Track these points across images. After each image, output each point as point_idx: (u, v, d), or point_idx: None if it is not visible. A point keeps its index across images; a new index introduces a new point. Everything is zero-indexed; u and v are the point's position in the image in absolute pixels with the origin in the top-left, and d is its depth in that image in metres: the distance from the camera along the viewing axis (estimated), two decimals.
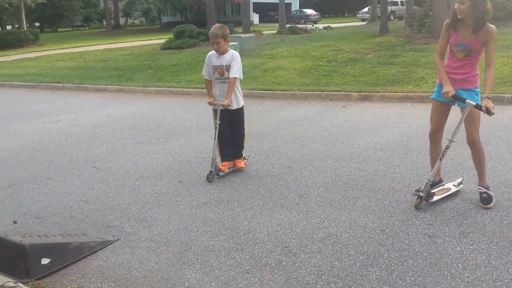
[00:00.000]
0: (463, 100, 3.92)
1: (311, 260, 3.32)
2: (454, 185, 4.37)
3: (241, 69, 5.09)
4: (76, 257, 3.49)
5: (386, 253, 3.36)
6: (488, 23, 3.77)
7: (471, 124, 3.98)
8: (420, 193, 4.09)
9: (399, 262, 3.23)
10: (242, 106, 5.31)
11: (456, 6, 3.84)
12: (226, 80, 5.05)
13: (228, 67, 5.02)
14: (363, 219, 3.93)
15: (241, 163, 5.37)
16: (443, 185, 4.40)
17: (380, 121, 7.39)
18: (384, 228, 3.75)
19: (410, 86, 9.62)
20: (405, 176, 4.88)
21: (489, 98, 3.79)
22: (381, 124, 7.18)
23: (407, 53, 12.84)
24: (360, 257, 3.32)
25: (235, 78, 5.00)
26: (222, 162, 5.26)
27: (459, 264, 3.17)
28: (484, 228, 3.65)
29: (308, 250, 3.47)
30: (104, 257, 3.54)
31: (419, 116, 7.54)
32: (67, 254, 3.46)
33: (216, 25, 5.05)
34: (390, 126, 6.98)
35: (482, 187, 4.14)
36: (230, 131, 5.28)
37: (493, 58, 3.84)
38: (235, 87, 5.08)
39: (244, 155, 5.51)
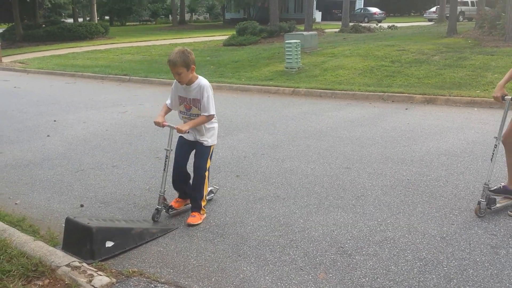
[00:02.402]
0: None
1: (366, 263, 3.29)
2: None
3: (213, 102, 3.95)
4: (138, 242, 3.65)
5: (446, 260, 3.28)
6: None
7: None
8: (480, 199, 3.94)
9: (459, 271, 3.14)
10: (210, 146, 4.11)
11: None
12: (192, 116, 4.02)
13: (196, 102, 3.94)
14: (423, 225, 3.84)
15: (193, 219, 4.04)
16: None
17: (445, 125, 7.15)
18: (445, 235, 3.64)
19: (478, 91, 9.23)
20: (469, 183, 4.71)
21: None
22: (445, 128, 6.95)
23: (476, 56, 12.30)
24: (418, 263, 3.26)
25: (209, 117, 3.95)
26: (177, 197, 4.33)
27: None
28: None
29: (364, 252, 3.44)
30: (164, 244, 3.69)
31: (486, 122, 7.23)
32: (130, 239, 3.63)
33: (177, 49, 3.81)
34: (455, 131, 6.74)
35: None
36: (186, 166, 4.20)
37: None
38: (207, 124, 4.04)
39: (211, 188, 4.44)
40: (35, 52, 23.75)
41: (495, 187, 4.10)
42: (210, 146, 4.11)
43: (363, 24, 28.22)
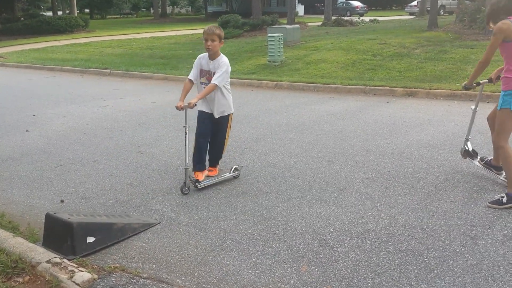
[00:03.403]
0: None
1: (348, 255, 3.32)
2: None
3: (226, 77, 4.61)
4: (119, 237, 3.62)
5: (426, 251, 3.32)
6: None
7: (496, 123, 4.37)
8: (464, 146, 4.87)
9: (439, 262, 3.19)
10: (229, 114, 4.85)
11: None
12: None
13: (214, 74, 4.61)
14: (404, 216, 3.88)
15: (212, 172, 4.95)
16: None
17: (425, 118, 7.23)
18: (425, 227, 3.69)
19: (458, 84, 9.34)
20: (449, 175, 4.78)
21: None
22: (425, 121, 7.02)
23: (456, 49, 12.45)
24: (399, 254, 3.30)
25: (215, 85, 4.51)
26: (195, 171, 4.76)
27: (501, 267, 3.09)
28: None
29: (346, 244, 3.47)
30: (146, 239, 3.66)
31: (466, 114, 7.31)
32: (111, 234, 3.59)
33: (211, 25, 4.67)
34: (435, 124, 6.82)
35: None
36: (209, 138, 4.84)
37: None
38: (224, 94, 4.69)
39: (236, 166, 4.95)
40: (13, 45, 23.29)
41: (485, 159, 4.77)
42: (229, 115, 4.85)
43: (345, 18, 28.31)
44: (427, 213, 3.93)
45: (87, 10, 56.52)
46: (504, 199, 3.99)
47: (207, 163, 4.95)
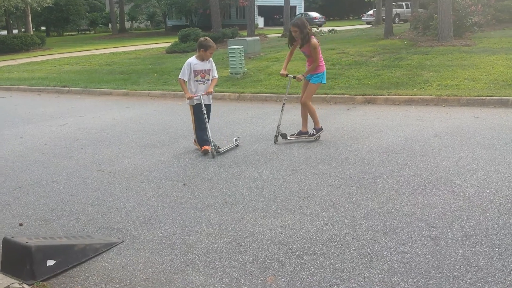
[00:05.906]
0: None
1: (314, 262, 3.34)
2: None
3: None
4: (81, 258, 3.53)
5: (389, 255, 3.38)
6: (311, 39, 6.22)
7: (306, 91, 6.66)
8: (275, 133, 6.58)
9: (402, 264, 3.25)
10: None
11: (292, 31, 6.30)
12: (206, 81, 6.27)
13: (209, 71, 6.27)
14: (366, 221, 3.94)
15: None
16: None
17: (384, 124, 7.40)
18: (387, 230, 3.76)
19: (415, 89, 9.62)
20: (409, 179, 4.89)
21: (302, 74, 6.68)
22: (385, 127, 7.19)
23: (412, 56, 12.85)
24: (363, 259, 3.34)
25: (217, 78, 6.44)
26: (202, 146, 6.23)
27: (462, 266, 3.18)
28: (487, 230, 3.66)
29: (311, 252, 3.49)
30: (108, 259, 3.58)
31: (424, 119, 7.55)
32: (72, 256, 3.50)
33: (208, 38, 6.18)
34: (394, 129, 6.99)
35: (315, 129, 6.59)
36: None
37: (315, 57, 6.37)
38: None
39: (236, 138, 6.68)
40: None
41: (295, 133, 6.77)
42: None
43: None
44: (389, 217, 4.00)
45: (43, 28, 55.23)
46: (313, 132, 6.56)
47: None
